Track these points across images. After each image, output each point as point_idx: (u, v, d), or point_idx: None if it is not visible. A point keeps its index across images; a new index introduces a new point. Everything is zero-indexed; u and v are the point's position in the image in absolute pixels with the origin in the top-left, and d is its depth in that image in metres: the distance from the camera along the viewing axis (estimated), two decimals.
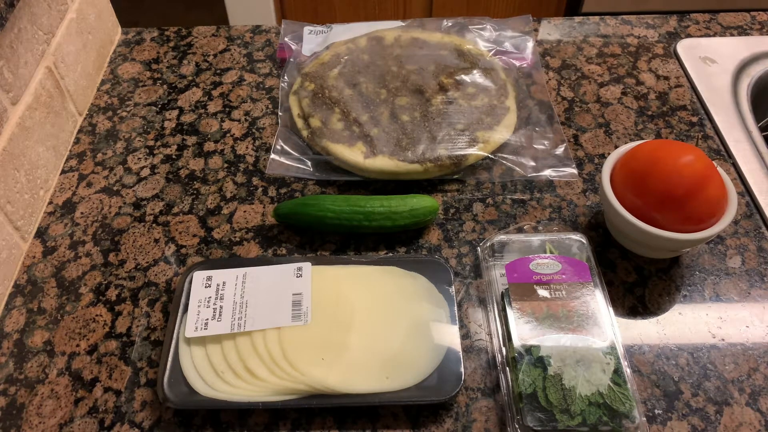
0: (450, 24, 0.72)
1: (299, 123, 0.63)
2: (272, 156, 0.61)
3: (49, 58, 0.60)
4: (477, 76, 0.66)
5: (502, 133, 0.61)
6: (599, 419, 0.42)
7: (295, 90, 0.66)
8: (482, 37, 0.71)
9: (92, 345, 0.49)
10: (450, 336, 0.47)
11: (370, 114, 0.62)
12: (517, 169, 0.60)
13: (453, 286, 0.50)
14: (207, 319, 0.47)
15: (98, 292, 0.52)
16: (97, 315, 0.51)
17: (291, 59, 0.70)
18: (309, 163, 0.60)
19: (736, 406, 0.45)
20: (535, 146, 0.62)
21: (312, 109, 0.63)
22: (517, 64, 0.69)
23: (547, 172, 0.60)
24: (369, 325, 0.48)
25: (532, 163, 0.60)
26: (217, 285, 0.49)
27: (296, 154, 0.61)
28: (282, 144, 0.62)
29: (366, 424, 0.45)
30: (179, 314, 0.48)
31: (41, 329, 0.50)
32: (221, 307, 0.48)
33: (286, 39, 0.73)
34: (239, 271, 0.50)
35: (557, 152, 0.61)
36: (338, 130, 0.61)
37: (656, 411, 0.45)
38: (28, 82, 0.57)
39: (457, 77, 0.66)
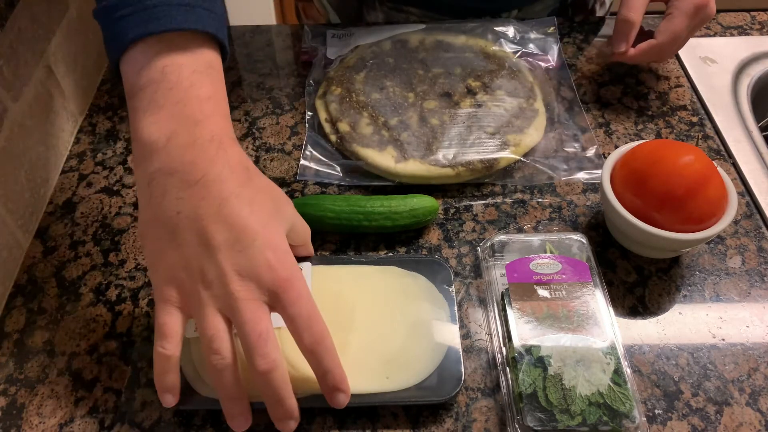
0: (474, 25, 0.72)
1: (327, 128, 0.63)
2: (302, 162, 0.61)
3: (49, 58, 0.60)
4: (504, 79, 0.66)
5: (533, 135, 0.61)
6: (599, 419, 0.42)
7: (321, 94, 0.66)
8: (507, 38, 0.71)
9: (92, 345, 0.49)
10: (450, 336, 0.47)
11: (398, 118, 0.62)
12: (549, 171, 0.59)
13: (453, 286, 0.50)
14: None
15: (98, 292, 0.52)
16: (97, 315, 0.51)
17: (315, 63, 0.70)
18: (338, 168, 0.60)
19: (736, 406, 0.45)
20: (566, 149, 0.62)
21: (340, 113, 0.63)
22: (543, 65, 0.69)
23: (580, 175, 0.60)
24: (369, 325, 0.48)
25: (564, 166, 0.60)
26: None
27: (326, 160, 0.61)
28: (311, 149, 0.62)
29: (366, 423, 0.45)
30: None
31: (41, 329, 0.50)
32: None
33: (309, 42, 0.73)
34: None
35: (588, 154, 0.61)
36: (367, 135, 0.61)
37: (656, 411, 0.45)
38: (28, 81, 0.57)
39: (485, 80, 0.65)
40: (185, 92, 0.40)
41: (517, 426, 0.42)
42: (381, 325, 0.48)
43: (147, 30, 0.40)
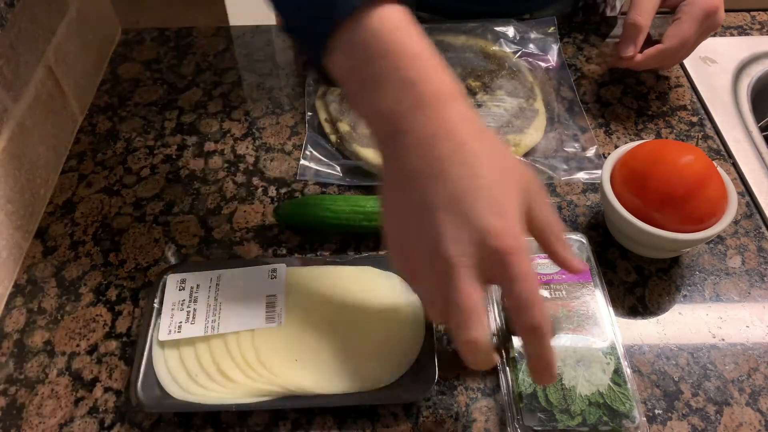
0: (474, 25, 0.72)
1: (327, 128, 0.63)
2: (302, 162, 0.61)
3: (49, 58, 0.60)
4: (504, 79, 0.65)
5: (533, 135, 0.61)
6: (599, 419, 0.42)
7: (321, 94, 0.66)
8: (507, 38, 0.71)
9: (92, 345, 0.49)
10: (424, 335, 0.47)
11: None
12: (550, 172, 0.59)
13: None
14: (181, 322, 0.47)
15: (98, 292, 0.52)
16: (97, 315, 0.51)
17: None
18: (338, 168, 0.60)
19: (736, 406, 0.45)
20: (566, 149, 0.61)
21: (340, 113, 0.63)
22: (543, 65, 0.69)
23: (580, 175, 0.60)
24: (342, 325, 0.48)
25: (564, 166, 0.60)
26: (191, 288, 0.49)
27: (326, 160, 0.61)
28: (311, 149, 0.62)
29: (366, 423, 0.45)
30: (153, 318, 0.48)
31: (41, 329, 0.50)
32: (195, 309, 0.48)
33: None
34: (213, 274, 0.50)
35: (588, 154, 0.61)
36: (367, 135, 0.60)
37: (656, 411, 0.45)
38: (29, 81, 0.57)
39: (485, 80, 0.65)
40: (395, 58, 0.38)
41: (517, 426, 0.42)
42: (354, 326, 0.48)
43: (352, 6, 0.38)
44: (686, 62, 0.72)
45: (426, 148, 0.36)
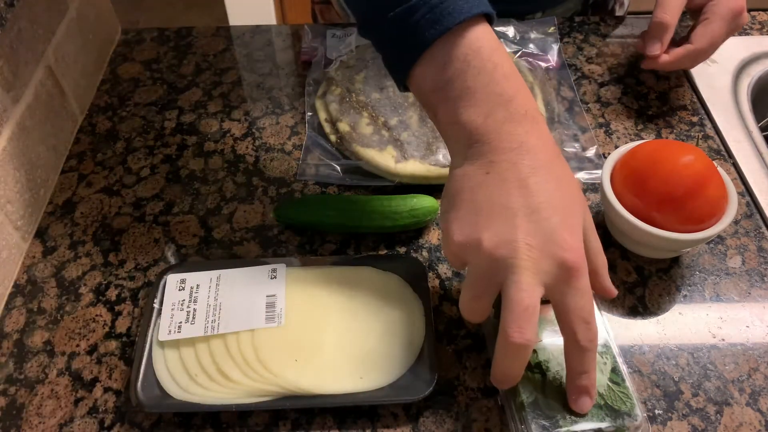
0: None
1: (327, 128, 0.63)
2: (302, 162, 0.61)
3: (49, 58, 0.60)
4: None
5: None
6: (602, 421, 0.41)
7: (321, 94, 0.66)
8: (507, 38, 0.70)
9: (92, 345, 0.49)
10: (423, 335, 0.47)
11: (398, 118, 0.62)
12: None
13: (428, 284, 0.50)
14: (180, 322, 0.47)
15: (98, 292, 0.52)
16: (97, 315, 0.51)
17: (315, 63, 0.70)
18: (338, 168, 0.60)
19: (737, 406, 0.45)
20: (565, 149, 0.61)
21: (340, 113, 0.63)
22: (543, 65, 0.69)
23: (580, 175, 0.60)
24: (343, 325, 0.48)
25: None
26: (191, 288, 0.49)
27: (326, 160, 0.61)
28: (311, 149, 0.62)
29: (366, 423, 0.45)
30: (153, 318, 0.48)
31: (41, 329, 0.50)
32: (195, 309, 0.48)
33: (309, 42, 0.72)
34: (213, 274, 0.50)
35: (588, 154, 0.61)
36: (367, 135, 0.60)
37: (656, 411, 0.45)
38: (28, 81, 0.57)
39: None
40: (490, 75, 0.41)
41: None
42: (355, 327, 0.48)
43: (444, 27, 0.40)
44: None
45: (513, 159, 0.39)
